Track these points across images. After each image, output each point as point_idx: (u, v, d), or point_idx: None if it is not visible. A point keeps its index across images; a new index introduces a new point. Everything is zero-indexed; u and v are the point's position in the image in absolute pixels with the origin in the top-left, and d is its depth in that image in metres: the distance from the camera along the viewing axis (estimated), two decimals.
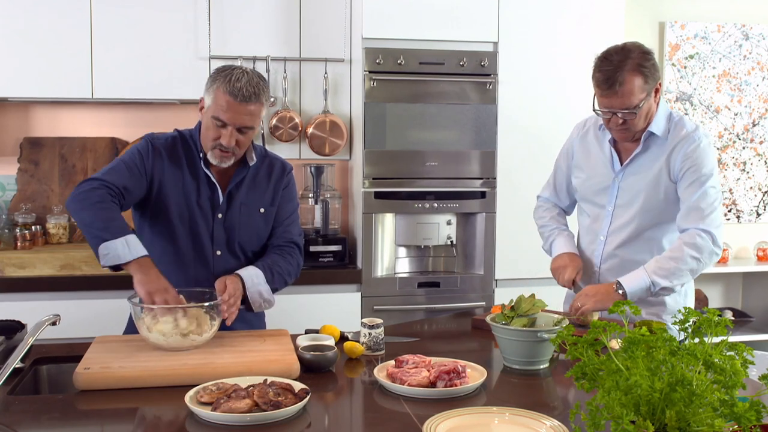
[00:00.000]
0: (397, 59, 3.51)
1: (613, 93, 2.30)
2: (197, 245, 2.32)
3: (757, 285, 4.57)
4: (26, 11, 3.42)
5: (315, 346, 2.06)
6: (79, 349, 2.09)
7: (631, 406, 1.20)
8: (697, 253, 2.31)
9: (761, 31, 4.49)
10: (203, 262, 2.33)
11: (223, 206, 2.33)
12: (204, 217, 2.31)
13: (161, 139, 2.33)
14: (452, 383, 1.81)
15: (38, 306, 3.08)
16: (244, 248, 2.38)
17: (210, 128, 2.22)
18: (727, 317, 1.34)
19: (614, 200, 2.50)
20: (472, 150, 3.63)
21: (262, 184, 2.39)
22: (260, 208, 2.38)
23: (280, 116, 3.62)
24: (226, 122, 2.18)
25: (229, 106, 2.17)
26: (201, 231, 2.31)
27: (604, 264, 2.54)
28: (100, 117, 3.85)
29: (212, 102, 2.20)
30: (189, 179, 2.30)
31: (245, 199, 2.35)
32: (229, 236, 2.34)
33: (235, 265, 2.33)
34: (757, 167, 4.58)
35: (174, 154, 2.31)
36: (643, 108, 2.33)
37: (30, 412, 1.70)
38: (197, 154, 2.32)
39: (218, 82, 2.18)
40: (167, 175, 2.28)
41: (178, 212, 2.29)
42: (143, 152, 2.28)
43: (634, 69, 2.29)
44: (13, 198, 3.68)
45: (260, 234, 2.40)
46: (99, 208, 2.11)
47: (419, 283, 3.64)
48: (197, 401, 1.69)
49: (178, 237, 2.31)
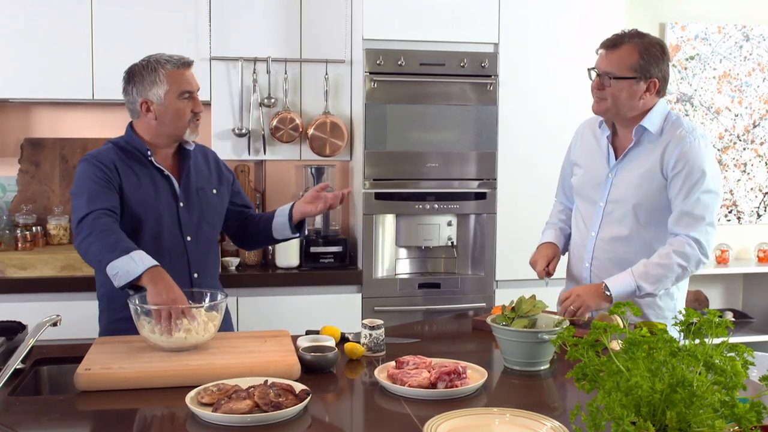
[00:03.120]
0: (397, 60, 3.51)
1: (606, 53, 2.38)
2: (170, 238, 2.37)
3: (758, 286, 4.56)
4: (27, 12, 3.42)
5: (316, 347, 2.06)
6: (79, 350, 2.09)
7: (632, 407, 1.20)
8: (685, 261, 2.33)
9: (762, 32, 4.49)
10: (179, 251, 2.39)
11: (182, 195, 2.41)
12: (169, 209, 2.38)
13: (102, 154, 2.36)
14: (453, 384, 1.81)
15: (39, 307, 3.09)
16: (211, 229, 2.49)
17: (181, 108, 2.35)
18: (727, 318, 1.33)
19: (606, 196, 2.50)
20: (473, 151, 3.63)
21: (204, 168, 2.51)
22: (212, 190, 2.50)
23: (280, 117, 3.62)
24: (193, 90, 2.38)
25: (184, 76, 2.36)
26: (170, 223, 2.38)
27: (594, 260, 2.53)
28: (100, 118, 3.85)
29: (169, 86, 2.33)
30: (144, 179, 2.36)
31: (197, 183, 2.46)
32: (196, 221, 2.43)
33: (206, 246, 2.47)
34: (758, 168, 4.58)
35: (121, 162, 2.35)
36: (623, 85, 2.35)
37: (31, 413, 1.71)
38: (142, 155, 2.38)
39: (158, 70, 2.32)
40: (125, 183, 2.33)
41: (146, 212, 2.34)
42: (99, 170, 2.30)
43: (636, 45, 2.36)
44: (14, 199, 3.68)
45: (219, 213, 2.53)
46: (105, 235, 2.14)
47: (420, 284, 3.64)
48: (198, 402, 1.69)
49: (150, 235, 2.34)
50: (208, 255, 2.49)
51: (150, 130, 2.38)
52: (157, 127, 2.36)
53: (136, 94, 2.35)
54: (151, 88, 2.33)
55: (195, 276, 2.41)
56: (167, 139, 2.40)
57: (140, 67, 2.36)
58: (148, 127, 2.38)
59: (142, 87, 2.34)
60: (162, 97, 2.33)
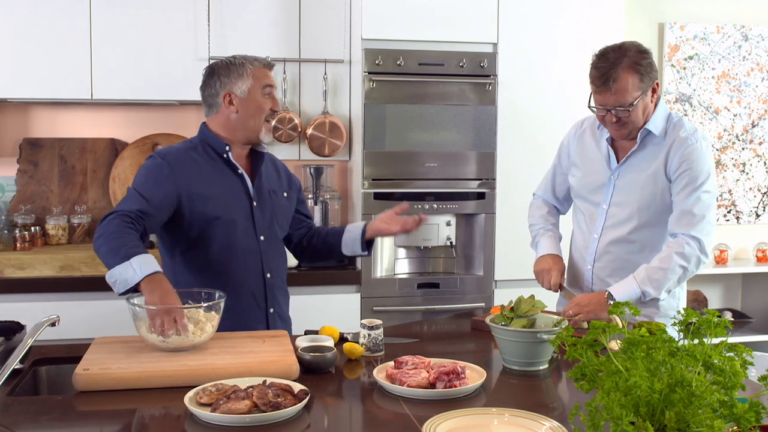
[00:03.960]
0: (396, 60, 3.51)
1: (607, 90, 2.32)
2: (244, 237, 2.37)
3: (757, 286, 4.57)
4: (25, 12, 3.42)
5: (314, 347, 2.06)
6: (78, 350, 2.08)
7: (631, 407, 1.20)
8: (685, 262, 2.34)
9: (761, 32, 4.49)
10: (253, 250, 2.39)
11: (255, 195, 2.41)
12: (243, 208, 2.38)
13: (170, 151, 2.36)
14: (452, 384, 1.81)
15: (37, 307, 3.08)
16: (281, 231, 2.52)
17: (261, 104, 2.37)
18: (726, 318, 1.33)
19: (609, 198, 2.50)
20: (472, 151, 3.63)
21: (273, 172, 2.53)
22: (283, 192, 2.53)
23: (279, 117, 3.62)
24: (273, 85, 2.41)
25: (267, 75, 2.40)
26: (244, 222, 2.38)
27: (597, 262, 2.53)
28: (99, 118, 3.84)
29: (253, 81, 2.35)
30: (217, 177, 2.36)
31: (269, 185, 2.47)
32: (268, 221, 2.44)
33: (278, 248, 2.50)
34: (757, 168, 4.58)
35: (192, 162, 2.34)
36: (637, 106, 2.34)
37: (29, 413, 1.70)
38: (217, 153, 2.38)
39: (245, 65, 2.35)
40: (195, 183, 2.31)
41: (219, 211, 2.33)
42: (158, 169, 2.29)
43: (629, 67, 2.31)
44: (13, 199, 3.68)
45: (288, 216, 2.56)
46: (112, 237, 2.11)
47: (419, 284, 3.64)
48: (197, 402, 1.69)
49: (225, 234, 2.33)
50: (280, 256, 2.52)
51: (228, 124, 2.38)
52: (237, 121, 2.36)
53: (219, 87, 2.35)
54: (237, 82, 2.34)
55: (268, 276, 2.42)
56: (243, 135, 2.39)
57: (226, 62, 2.37)
58: (226, 121, 2.37)
59: (228, 80, 2.34)
60: (246, 91, 2.35)
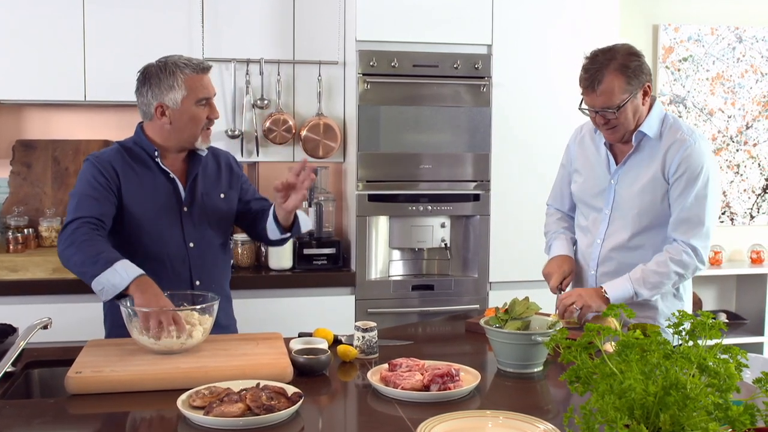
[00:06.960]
0: (391, 62, 3.50)
1: (593, 92, 2.33)
2: (171, 242, 2.33)
3: (751, 287, 4.57)
4: (18, 13, 3.41)
5: (308, 350, 2.05)
6: (70, 352, 2.07)
7: (625, 409, 1.20)
8: (682, 269, 2.35)
9: (755, 33, 4.50)
10: (181, 257, 2.35)
11: (186, 199, 2.36)
12: (172, 213, 2.34)
13: (105, 154, 2.33)
14: (446, 386, 1.80)
15: (30, 309, 3.07)
16: (217, 236, 2.43)
17: (198, 114, 2.30)
18: (721, 320, 1.33)
19: (611, 203, 2.50)
20: (466, 152, 3.63)
21: (214, 173, 2.45)
22: (220, 194, 2.44)
23: (273, 119, 3.62)
24: (210, 96, 2.33)
25: (203, 82, 2.31)
26: (172, 227, 2.33)
27: (600, 267, 2.53)
28: (93, 119, 3.83)
29: (187, 92, 2.27)
30: (147, 181, 2.33)
31: (204, 188, 2.40)
32: (200, 227, 2.38)
33: (210, 254, 2.40)
34: (751, 170, 4.59)
35: (125, 164, 2.32)
36: (626, 108, 2.34)
37: (21, 417, 1.70)
38: (148, 157, 2.34)
39: (176, 74, 2.26)
40: (126, 185, 2.30)
41: (146, 216, 2.30)
42: (98, 173, 2.27)
43: (615, 69, 2.31)
44: (6, 201, 3.66)
45: (228, 219, 2.47)
46: (86, 246, 2.11)
47: (413, 286, 3.63)
48: (189, 405, 1.68)
49: (151, 239, 2.31)
50: (214, 262, 2.42)
51: (162, 133, 2.33)
52: (170, 131, 2.31)
53: (151, 97, 2.28)
54: (168, 93, 2.26)
55: (197, 283, 2.36)
56: (178, 144, 2.34)
57: (157, 69, 2.28)
58: (160, 131, 2.33)
59: (159, 90, 2.26)
60: (179, 102, 2.27)
